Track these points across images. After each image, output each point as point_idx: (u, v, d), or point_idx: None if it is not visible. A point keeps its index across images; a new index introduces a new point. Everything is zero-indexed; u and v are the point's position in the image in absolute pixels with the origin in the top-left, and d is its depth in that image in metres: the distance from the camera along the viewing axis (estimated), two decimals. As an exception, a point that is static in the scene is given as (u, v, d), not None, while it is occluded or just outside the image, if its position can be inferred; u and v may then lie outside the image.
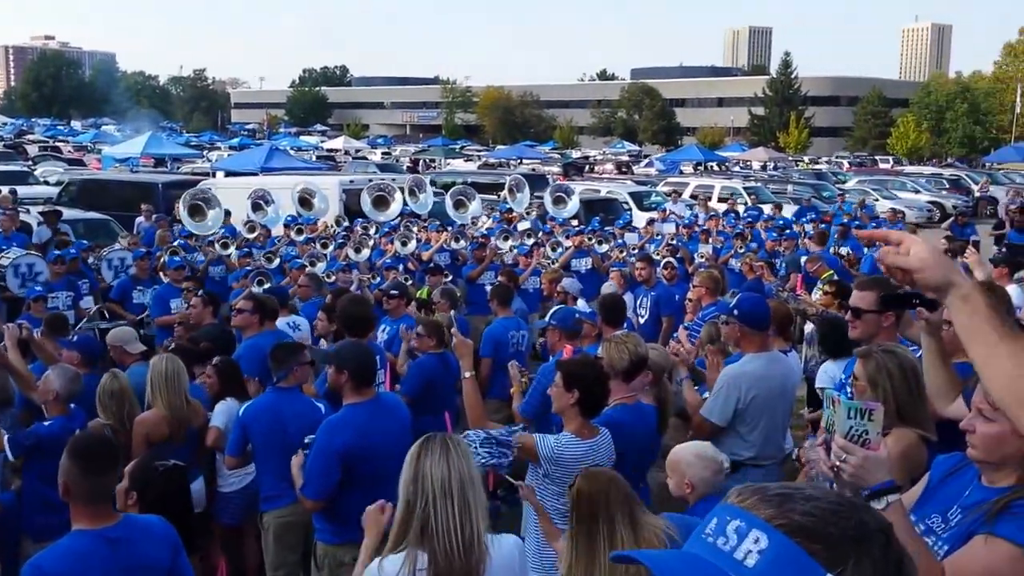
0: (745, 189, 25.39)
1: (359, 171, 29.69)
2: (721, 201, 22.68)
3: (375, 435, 4.35)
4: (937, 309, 3.24)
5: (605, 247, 12.31)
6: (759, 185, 27.89)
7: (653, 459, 4.79)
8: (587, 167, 45.00)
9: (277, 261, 10.74)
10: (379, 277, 10.23)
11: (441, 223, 13.19)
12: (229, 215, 13.36)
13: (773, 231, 14.38)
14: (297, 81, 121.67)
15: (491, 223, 14.64)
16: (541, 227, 13.61)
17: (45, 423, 5.03)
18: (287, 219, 13.32)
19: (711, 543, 1.21)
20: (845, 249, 13.17)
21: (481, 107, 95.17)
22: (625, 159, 50.91)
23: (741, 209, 19.70)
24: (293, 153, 35.92)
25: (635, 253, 11.48)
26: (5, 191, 17.26)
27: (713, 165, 46.97)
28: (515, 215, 15.02)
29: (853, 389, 3.60)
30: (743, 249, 12.08)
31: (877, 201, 27.24)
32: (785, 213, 19.86)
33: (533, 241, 12.23)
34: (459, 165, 44.98)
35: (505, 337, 7.31)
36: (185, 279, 9.15)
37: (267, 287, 8.92)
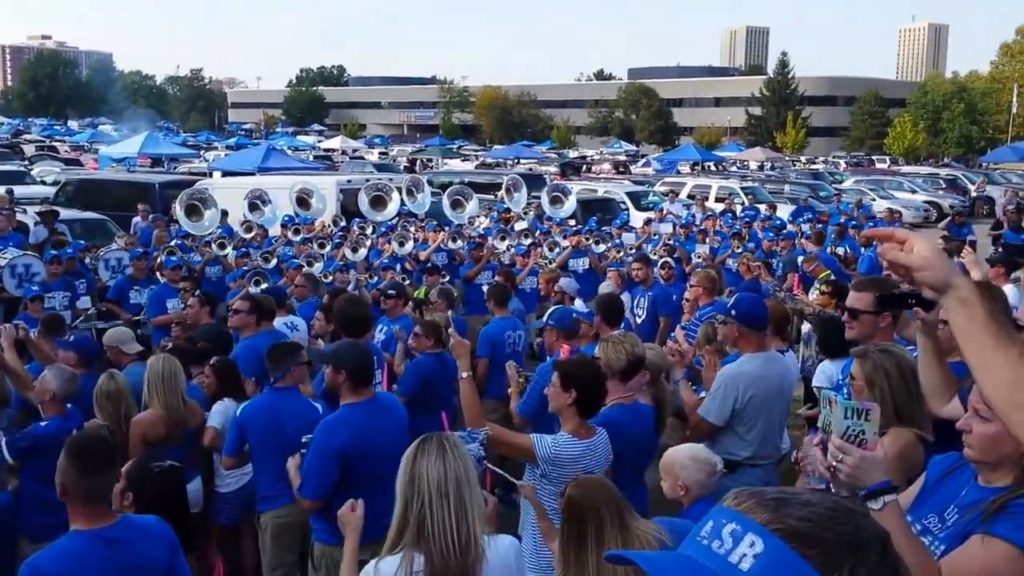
0: (742, 189, 25.40)
1: (356, 171, 29.68)
2: (718, 201, 22.70)
3: (372, 435, 4.35)
4: (933, 309, 3.25)
5: (602, 247, 12.32)
6: (756, 185, 27.90)
7: (650, 459, 4.78)
8: (584, 167, 45.03)
9: (274, 261, 10.74)
10: (376, 277, 10.23)
11: (438, 223, 13.19)
12: (226, 215, 13.34)
13: (770, 231, 14.39)
14: (294, 81, 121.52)
15: (488, 223, 14.64)
16: (539, 227, 13.62)
17: (42, 423, 5.02)
18: (284, 219, 13.31)
19: (706, 546, 1.21)
20: (842, 249, 13.20)
21: (478, 107, 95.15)
22: (622, 159, 50.92)
23: (738, 209, 19.71)
24: (290, 153, 35.90)
25: (632, 253, 11.49)
26: (1, 191, 17.27)
27: (710, 165, 47.01)
28: (512, 215, 15.03)
29: (851, 389, 3.61)
30: (740, 249, 12.09)
31: (874, 201, 27.26)
32: (781, 213, 19.88)
33: (530, 241, 12.23)
34: (456, 165, 44.99)
35: (502, 337, 7.31)
36: (182, 279, 9.15)
37: (264, 287, 8.92)
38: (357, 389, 4.45)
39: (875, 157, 60.90)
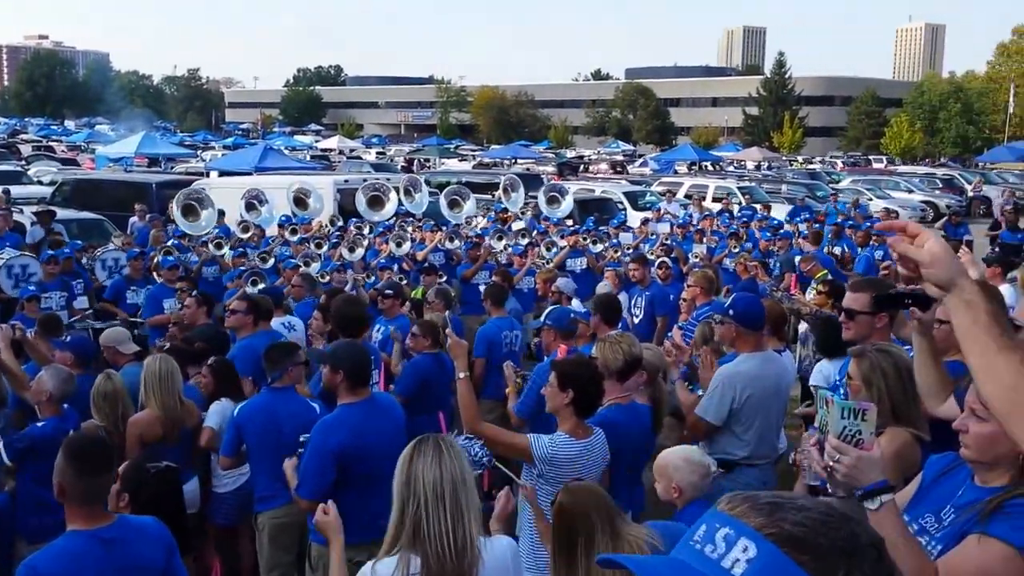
0: (739, 189, 25.43)
1: (353, 171, 29.65)
2: (715, 201, 22.71)
3: (370, 435, 4.35)
4: (929, 309, 3.25)
5: (600, 247, 12.31)
6: (753, 185, 27.93)
7: (648, 459, 4.78)
8: (582, 167, 45.06)
9: (271, 261, 10.72)
10: (374, 277, 10.23)
11: (435, 223, 13.19)
12: (223, 215, 13.33)
13: (767, 231, 14.40)
14: (291, 81, 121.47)
15: (486, 223, 14.64)
16: (536, 227, 13.62)
17: (38, 424, 5.01)
18: (281, 219, 13.29)
19: (699, 550, 1.20)
20: (839, 248, 13.21)
21: (476, 107, 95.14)
22: (620, 159, 50.99)
23: (735, 209, 19.72)
24: (287, 153, 35.88)
25: (629, 253, 11.49)
26: (-2, 191, 17.24)
27: (707, 165, 47.06)
28: (510, 215, 15.02)
29: (848, 388, 3.61)
30: (737, 249, 12.09)
31: (871, 201, 27.29)
32: (778, 213, 19.90)
33: (528, 241, 12.23)
34: (454, 165, 44.98)
35: (498, 337, 7.31)
36: (178, 279, 9.12)
37: (261, 287, 8.91)
38: (355, 389, 4.45)
39: (872, 157, 60.92)
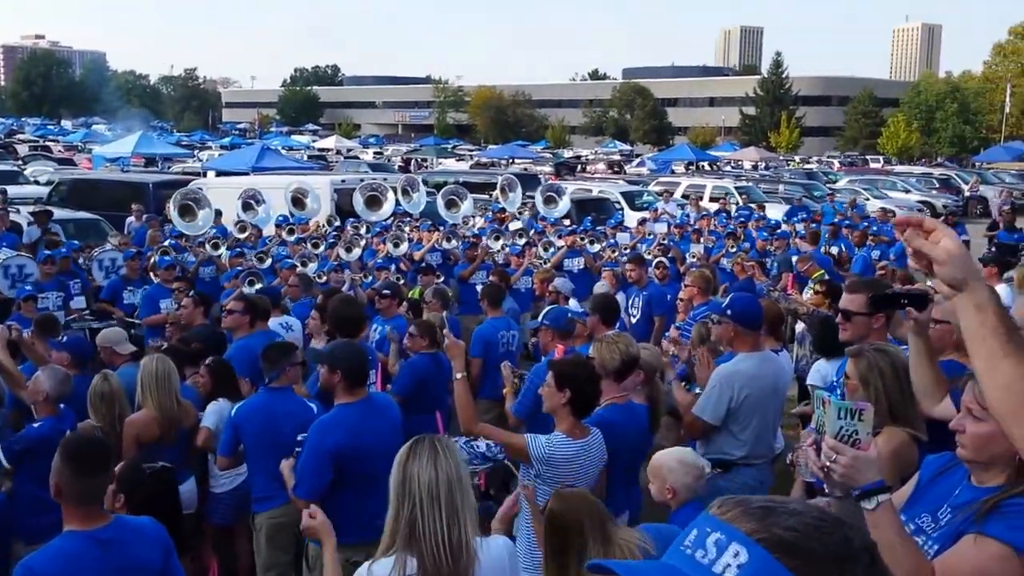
0: (736, 189, 25.45)
1: (351, 171, 29.64)
2: (713, 201, 22.73)
3: (367, 435, 4.34)
4: (925, 309, 3.26)
5: (597, 247, 12.32)
6: (750, 185, 27.97)
7: (645, 459, 4.79)
8: (579, 167, 45.10)
9: (269, 261, 10.71)
10: (371, 276, 10.23)
11: (433, 223, 13.18)
12: (220, 215, 13.32)
13: (764, 231, 14.42)
14: (288, 80, 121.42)
15: (484, 223, 14.64)
16: (534, 227, 13.61)
17: (35, 425, 5.01)
18: (278, 219, 13.28)
19: (689, 555, 1.19)
20: (836, 248, 13.22)
21: (473, 106, 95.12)
22: (617, 159, 51.00)
23: (732, 209, 19.74)
24: (284, 153, 35.84)
25: (627, 253, 11.49)
26: (-5, 191, 17.20)
27: (704, 165, 47.10)
28: (507, 215, 15.02)
29: (845, 388, 3.61)
30: (735, 249, 12.10)
31: (868, 201, 27.32)
32: (775, 213, 19.91)
33: (525, 241, 12.23)
34: (451, 165, 44.99)
35: (495, 337, 7.30)
36: (175, 279, 9.11)
37: (259, 287, 8.90)
38: (352, 389, 4.45)
39: (869, 157, 60.99)
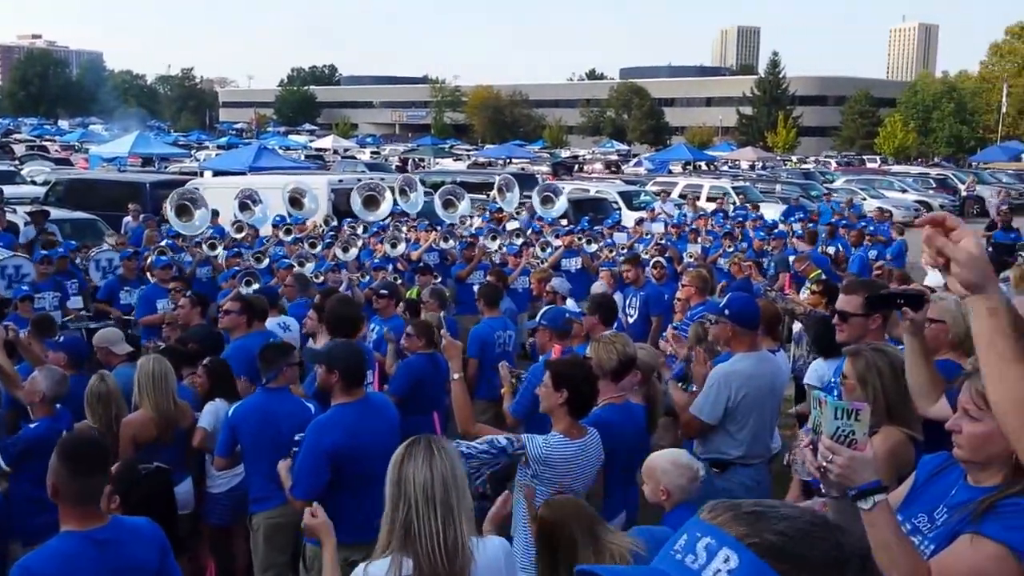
0: (734, 189, 25.47)
1: (348, 170, 29.62)
2: (710, 200, 22.75)
3: (364, 435, 4.34)
4: (921, 309, 3.26)
5: (594, 247, 12.32)
6: (747, 184, 27.99)
7: (642, 459, 4.79)
8: (576, 166, 45.15)
9: (266, 261, 10.70)
10: (368, 276, 10.22)
11: (430, 223, 13.18)
12: (217, 215, 13.31)
13: (761, 230, 14.43)
14: (286, 80, 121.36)
15: (481, 223, 14.64)
16: (532, 226, 13.61)
17: (31, 426, 5.00)
18: (275, 219, 13.27)
19: (679, 560, 1.17)
20: (833, 248, 13.24)
21: (470, 106, 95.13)
22: (614, 158, 51.05)
23: (730, 208, 19.76)
24: (282, 152, 35.83)
25: (624, 253, 11.49)
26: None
27: (702, 165, 47.15)
28: (505, 215, 15.03)
29: (842, 388, 3.61)
30: (732, 248, 12.11)
31: (864, 200, 27.37)
32: (772, 213, 19.93)
33: (522, 241, 12.23)
34: (448, 164, 45.00)
35: (491, 337, 7.29)
36: (172, 279, 9.10)
37: (256, 287, 8.89)
38: (349, 389, 4.44)
39: (866, 157, 61.11)
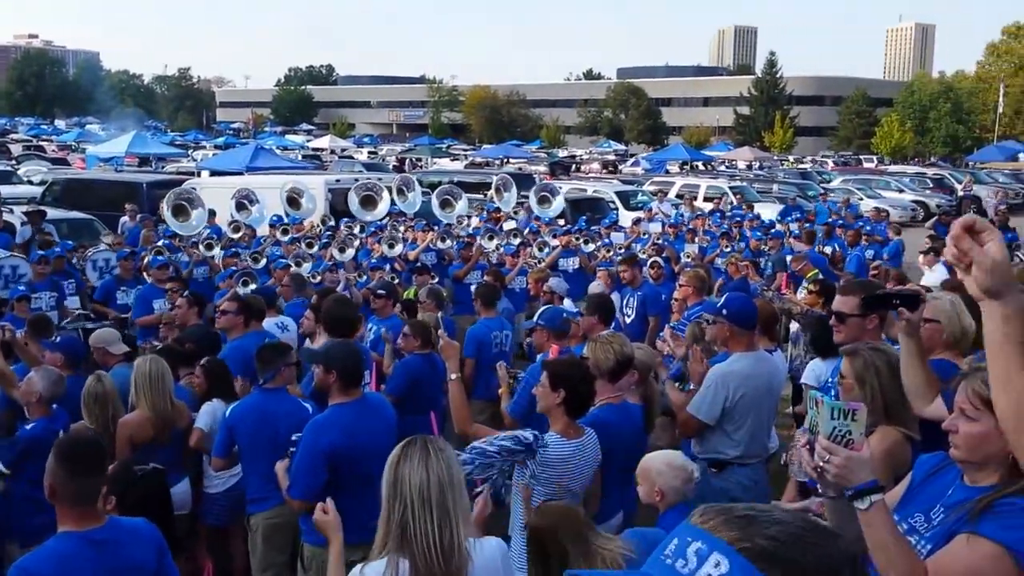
0: (731, 188, 25.48)
1: (345, 170, 29.60)
2: (707, 200, 22.76)
3: (361, 435, 4.34)
4: (917, 309, 3.27)
5: (592, 246, 12.33)
6: (745, 184, 28.02)
7: (640, 458, 4.79)
8: (574, 166, 45.18)
9: (263, 261, 10.69)
10: (365, 276, 10.22)
11: (427, 223, 13.18)
12: (214, 215, 13.29)
13: (758, 230, 14.45)
14: (283, 80, 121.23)
15: (479, 223, 14.64)
16: (529, 226, 13.61)
17: (27, 426, 4.99)
18: (272, 219, 13.26)
19: (669, 565, 1.17)
20: (829, 248, 13.26)
21: (467, 106, 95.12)
22: (611, 158, 51.08)
23: (727, 208, 19.77)
24: (279, 152, 35.80)
25: (621, 252, 11.50)
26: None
27: (699, 164, 47.18)
28: (502, 215, 15.03)
29: (840, 387, 3.61)
30: (729, 248, 12.12)
31: (861, 200, 27.40)
32: (767, 212, 19.94)
33: (520, 240, 12.22)
34: (445, 164, 45.00)
35: (488, 337, 7.29)
36: (169, 279, 9.09)
37: (253, 288, 8.88)
38: (347, 389, 4.44)
39: (863, 156, 61.20)
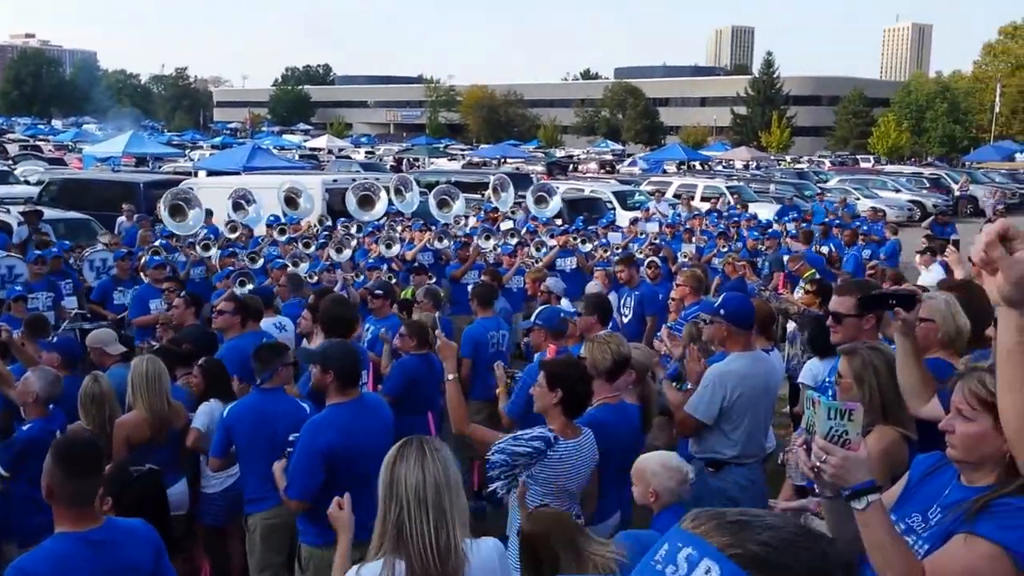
0: (728, 188, 25.50)
1: (342, 170, 29.58)
2: (704, 200, 22.77)
3: (358, 435, 4.33)
4: (913, 309, 3.27)
5: (589, 246, 12.33)
6: (742, 184, 28.05)
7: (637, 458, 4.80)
8: (571, 166, 45.20)
9: (261, 262, 10.68)
10: (362, 276, 10.21)
11: (424, 222, 13.17)
12: (211, 215, 13.29)
13: (755, 230, 14.46)
14: (280, 80, 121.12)
15: (476, 222, 14.64)
16: (527, 226, 13.62)
17: (24, 427, 4.99)
18: (269, 219, 13.26)
19: (659, 571, 1.16)
20: (826, 248, 13.27)
21: (465, 106, 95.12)
22: (609, 158, 51.12)
23: (724, 208, 19.78)
24: (276, 152, 35.75)
25: (619, 252, 11.50)
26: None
27: (696, 164, 47.23)
28: (500, 214, 15.03)
29: (837, 387, 3.61)
30: (726, 248, 12.13)
31: (858, 200, 27.42)
32: (765, 212, 19.96)
33: (517, 240, 12.23)
34: (443, 164, 45.00)
35: (484, 337, 7.27)
36: (165, 279, 9.07)
37: (250, 288, 8.87)
38: (344, 389, 4.44)
39: (859, 156, 61.25)
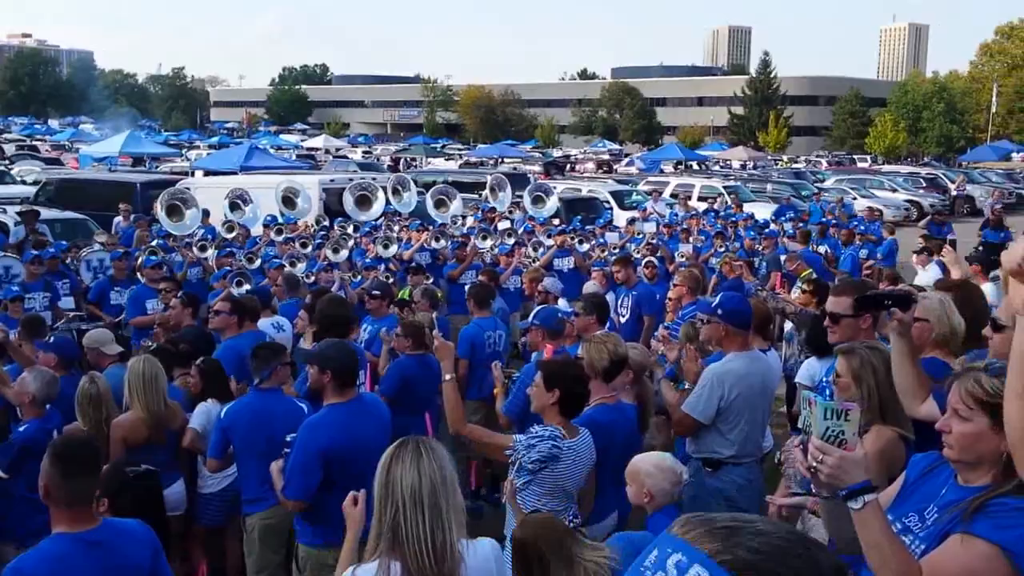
0: (725, 188, 25.51)
1: (340, 170, 29.56)
2: (701, 200, 22.78)
3: (356, 435, 4.33)
4: (909, 309, 3.28)
5: (586, 246, 12.33)
6: (739, 184, 28.06)
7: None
8: (568, 166, 45.20)
9: (258, 262, 10.66)
10: (360, 276, 10.20)
11: (422, 222, 13.17)
12: (207, 215, 13.27)
13: (752, 230, 14.47)
14: (277, 79, 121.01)
15: (473, 222, 14.64)
16: (524, 226, 13.62)
17: (20, 427, 4.98)
18: (267, 219, 13.24)
19: None
20: (823, 247, 13.28)
21: (462, 106, 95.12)
22: (606, 158, 51.13)
23: (721, 208, 19.79)
24: (273, 152, 35.72)
25: (616, 252, 11.50)
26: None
27: (693, 164, 47.26)
28: (497, 214, 15.03)
29: (835, 387, 3.61)
30: (723, 248, 12.13)
31: (855, 200, 27.46)
32: (762, 212, 19.96)
33: (514, 240, 12.22)
34: (440, 164, 44.99)
35: (481, 337, 7.27)
36: (162, 279, 9.06)
37: (247, 288, 8.85)
38: (342, 389, 4.43)
39: (856, 156, 61.31)
